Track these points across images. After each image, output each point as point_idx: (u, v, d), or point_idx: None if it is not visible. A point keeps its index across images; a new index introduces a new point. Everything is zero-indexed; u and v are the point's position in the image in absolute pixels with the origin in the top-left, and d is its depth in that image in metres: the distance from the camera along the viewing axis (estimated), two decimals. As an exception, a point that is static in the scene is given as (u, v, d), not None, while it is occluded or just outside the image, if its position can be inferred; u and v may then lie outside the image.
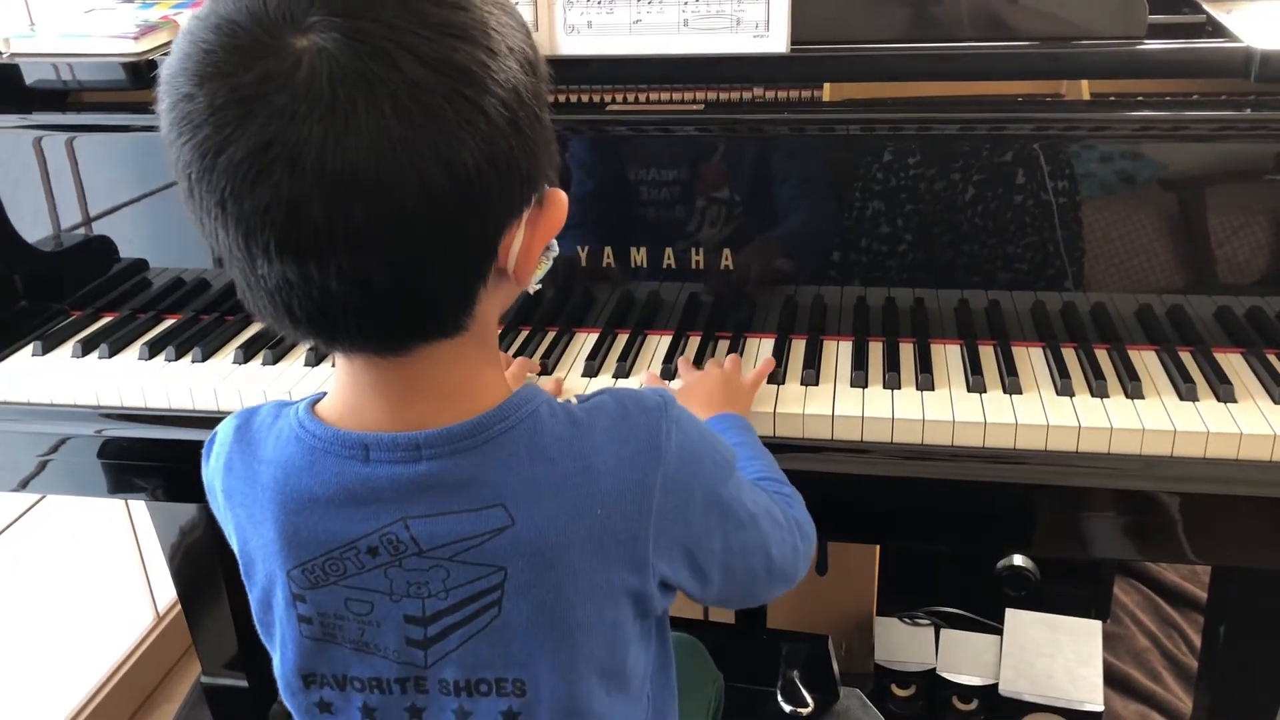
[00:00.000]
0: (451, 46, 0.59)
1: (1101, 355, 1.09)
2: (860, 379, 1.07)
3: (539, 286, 0.76)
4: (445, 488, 0.68)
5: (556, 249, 0.76)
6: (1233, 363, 1.07)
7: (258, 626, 0.77)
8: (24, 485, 1.23)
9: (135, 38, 1.22)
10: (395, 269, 0.61)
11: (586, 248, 1.17)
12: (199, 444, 1.12)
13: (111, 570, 1.85)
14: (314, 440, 0.70)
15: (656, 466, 0.71)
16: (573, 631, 0.71)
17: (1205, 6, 1.17)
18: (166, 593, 1.92)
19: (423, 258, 0.61)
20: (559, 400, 0.73)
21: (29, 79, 1.23)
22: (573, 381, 1.12)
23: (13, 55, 1.24)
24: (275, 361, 1.18)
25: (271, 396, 1.12)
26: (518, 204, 0.66)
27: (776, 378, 1.09)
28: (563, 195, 0.70)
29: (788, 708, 1.33)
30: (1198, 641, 1.81)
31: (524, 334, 1.20)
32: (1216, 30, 1.11)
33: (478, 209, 0.62)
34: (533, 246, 0.68)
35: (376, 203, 0.58)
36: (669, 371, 1.11)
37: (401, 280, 0.61)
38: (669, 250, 1.16)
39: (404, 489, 0.68)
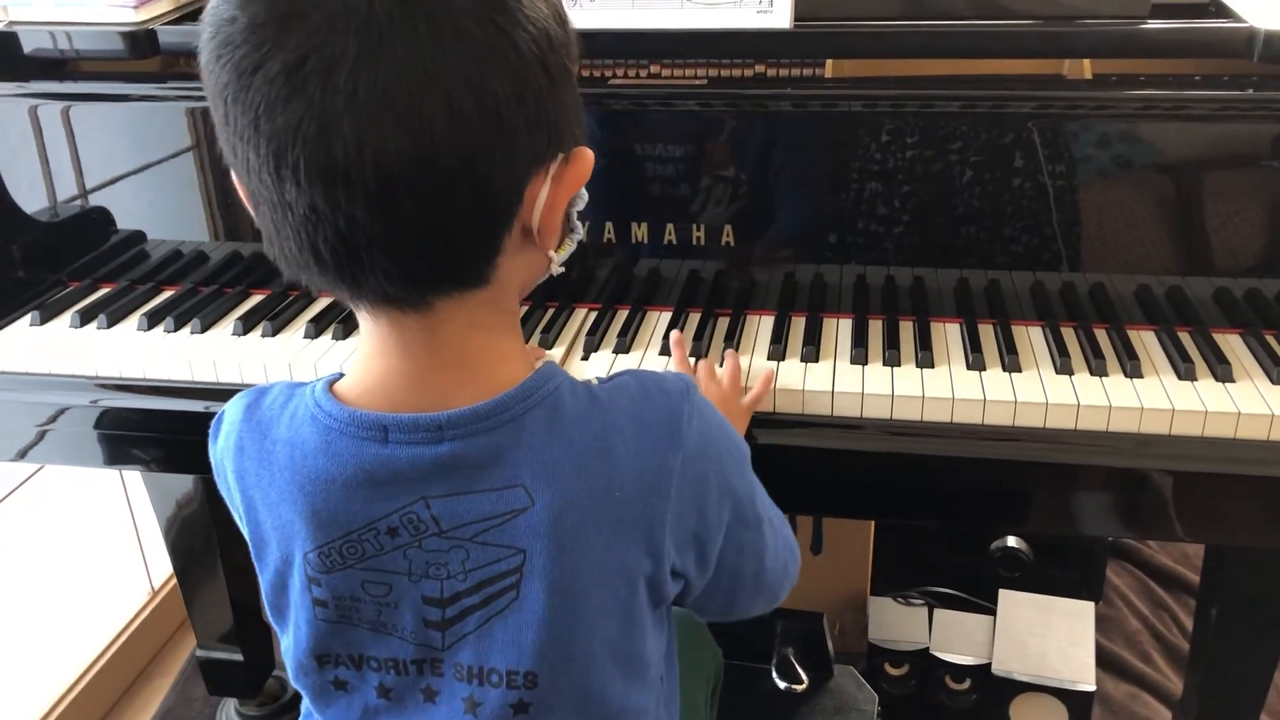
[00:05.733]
0: None
1: (1101, 335, 1.09)
2: (860, 356, 1.08)
3: (562, 269, 0.75)
4: (467, 467, 0.68)
5: (581, 231, 0.76)
6: (1231, 343, 1.07)
7: (268, 609, 0.76)
8: (22, 455, 1.22)
9: (135, 7, 1.21)
10: (421, 199, 0.61)
11: (587, 223, 1.17)
12: (197, 415, 1.15)
13: (107, 543, 1.85)
14: (330, 421, 0.70)
15: (676, 450, 0.70)
16: (589, 615, 0.70)
17: (1209, -13, 1.17)
18: (162, 566, 1.92)
19: (448, 189, 0.61)
20: (580, 380, 0.72)
21: (27, 47, 1.22)
22: (573, 357, 1.12)
23: (11, 23, 1.23)
24: (275, 334, 1.17)
25: (270, 369, 1.12)
26: (544, 151, 0.66)
27: (776, 354, 1.09)
28: (589, 153, 0.70)
29: (783, 684, 1.34)
30: (1188, 624, 1.83)
31: (525, 309, 1.20)
32: (1220, 10, 1.11)
33: (504, 145, 0.62)
34: (557, 202, 0.68)
35: (406, 123, 0.59)
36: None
37: (427, 213, 0.61)
38: (670, 226, 1.16)
39: (425, 470, 0.68)
